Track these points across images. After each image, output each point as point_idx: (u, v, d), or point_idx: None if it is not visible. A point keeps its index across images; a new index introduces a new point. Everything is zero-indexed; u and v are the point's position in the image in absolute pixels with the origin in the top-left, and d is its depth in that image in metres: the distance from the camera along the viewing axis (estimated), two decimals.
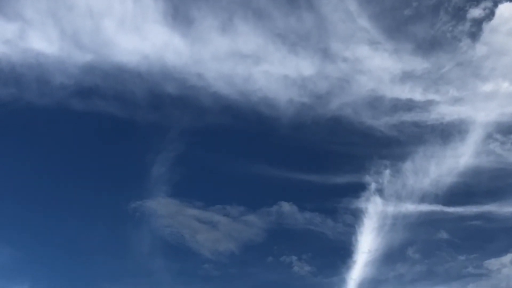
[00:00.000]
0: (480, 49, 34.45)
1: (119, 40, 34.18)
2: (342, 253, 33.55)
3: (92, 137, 35.34)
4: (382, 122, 34.91)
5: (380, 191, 34.36)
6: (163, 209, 34.79)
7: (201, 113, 35.01)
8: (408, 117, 34.83)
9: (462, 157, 34.13)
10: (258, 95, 34.82)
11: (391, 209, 33.94)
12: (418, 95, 34.78)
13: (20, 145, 35.16)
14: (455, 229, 33.83)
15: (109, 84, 34.31)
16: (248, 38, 34.73)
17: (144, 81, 34.49)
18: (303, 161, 35.79)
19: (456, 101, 34.61)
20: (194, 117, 35.13)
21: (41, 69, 33.77)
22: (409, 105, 34.81)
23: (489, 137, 34.21)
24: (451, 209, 33.94)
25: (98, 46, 34.05)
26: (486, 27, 34.48)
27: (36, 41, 33.75)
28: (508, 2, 34.42)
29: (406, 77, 34.95)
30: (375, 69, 34.94)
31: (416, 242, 33.64)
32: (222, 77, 34.74)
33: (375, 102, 35.00)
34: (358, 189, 34.53)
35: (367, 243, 33.33)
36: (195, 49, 34.64)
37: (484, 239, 33.58)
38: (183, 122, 35.13)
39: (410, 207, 33.86)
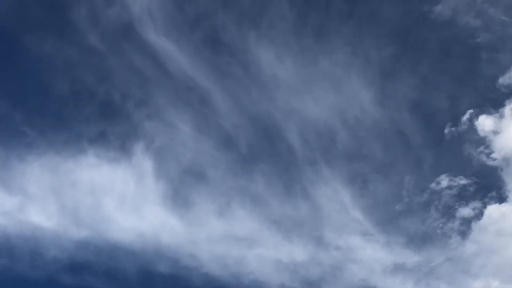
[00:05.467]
0: (469, 246, 35.04)
1: (117, 217, 34.86)
2: None
3: None
4: None
5: None
6: None
7: None
8: None
9: None
10: (249, 278, 34.74)
11: None
12: None
13: None
14: None
15: (101, 260, 34.47)
16: (244, 222, 35.53)
17: (137, 259, 34.64)
18: None
19: None
20: None
21: (36, 242, 34.01)
22: None
23: None
24: None
25: (96, 222, 34.68)
26: (475, 226, 35.37)
27: (35, 214, 34.40)
28: (496, 204, 35.62)
29: (398, 269, 35.17)
30: (367, 259, 35.26)
31: None
32: (215, 258, 34.90)
33: None
34: None
35: None
36: (191, 231, 35.23)
37: None
38: None
39: None
